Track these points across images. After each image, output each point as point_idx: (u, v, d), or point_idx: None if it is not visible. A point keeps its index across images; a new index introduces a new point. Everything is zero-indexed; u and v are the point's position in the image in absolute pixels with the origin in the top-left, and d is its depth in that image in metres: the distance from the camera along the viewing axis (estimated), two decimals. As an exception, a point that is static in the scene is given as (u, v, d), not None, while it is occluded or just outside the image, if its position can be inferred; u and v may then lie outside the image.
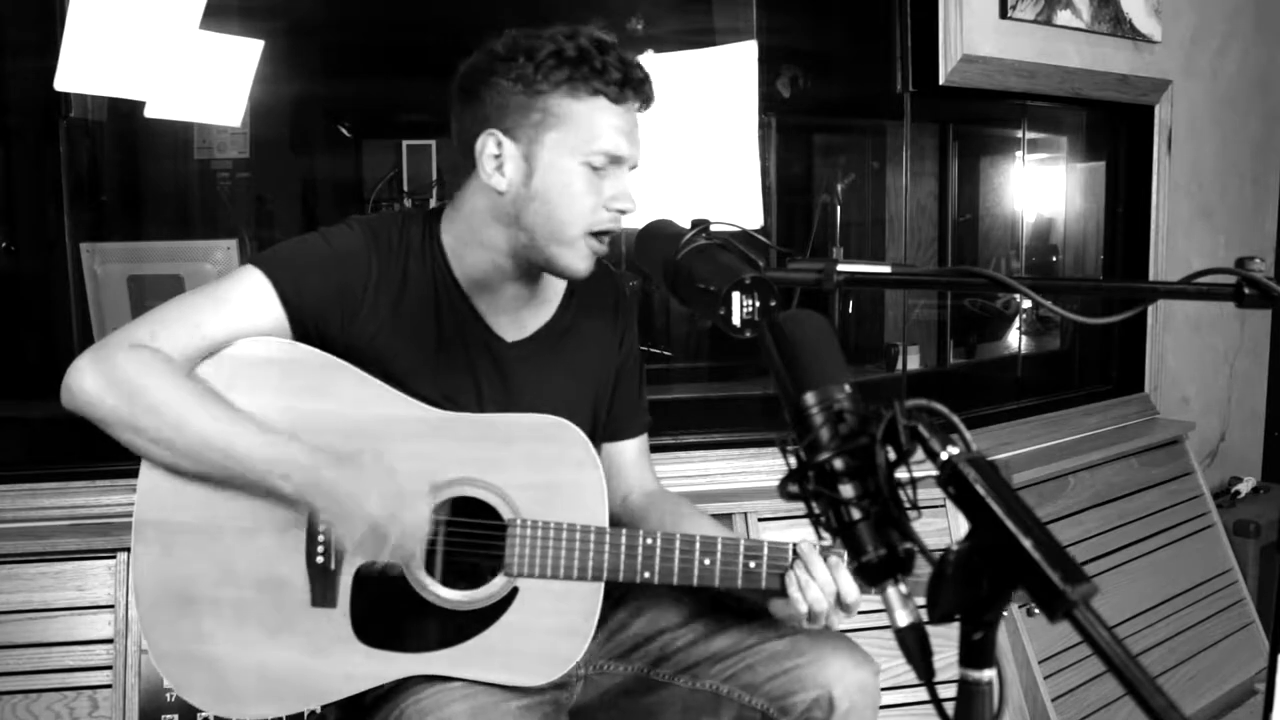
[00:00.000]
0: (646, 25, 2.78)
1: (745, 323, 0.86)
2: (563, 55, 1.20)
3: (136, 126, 2.73)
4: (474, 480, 1.23)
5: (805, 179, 3.39)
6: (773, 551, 1.21)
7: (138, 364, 1.17)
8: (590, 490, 1.23)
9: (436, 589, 1.23)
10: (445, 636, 1.22)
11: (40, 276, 2.65)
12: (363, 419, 1.24)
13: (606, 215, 1.24)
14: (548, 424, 1.24)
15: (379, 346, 1.27)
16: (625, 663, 1.35)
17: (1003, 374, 3.44)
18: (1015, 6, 2.45)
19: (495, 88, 1.23)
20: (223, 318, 1.22)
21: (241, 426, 1.18)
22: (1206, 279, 0.87)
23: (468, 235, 1.29)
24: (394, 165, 3.22)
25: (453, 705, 1.17)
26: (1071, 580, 0.56)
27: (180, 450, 1.18)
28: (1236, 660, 2.62)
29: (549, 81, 1.20)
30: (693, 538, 1.22)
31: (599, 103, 1.21)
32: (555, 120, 1.21)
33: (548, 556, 1.21)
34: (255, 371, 1.24)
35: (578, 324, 1.40)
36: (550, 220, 1.22)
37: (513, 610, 1.22)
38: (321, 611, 1.23)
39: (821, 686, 1.21)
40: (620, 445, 1.46)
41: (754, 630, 1.29)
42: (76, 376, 1.18)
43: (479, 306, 1.32)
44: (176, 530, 1.24)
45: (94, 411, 1.18)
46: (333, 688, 1.23)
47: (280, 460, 1.17)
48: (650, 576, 1.21)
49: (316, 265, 1.25)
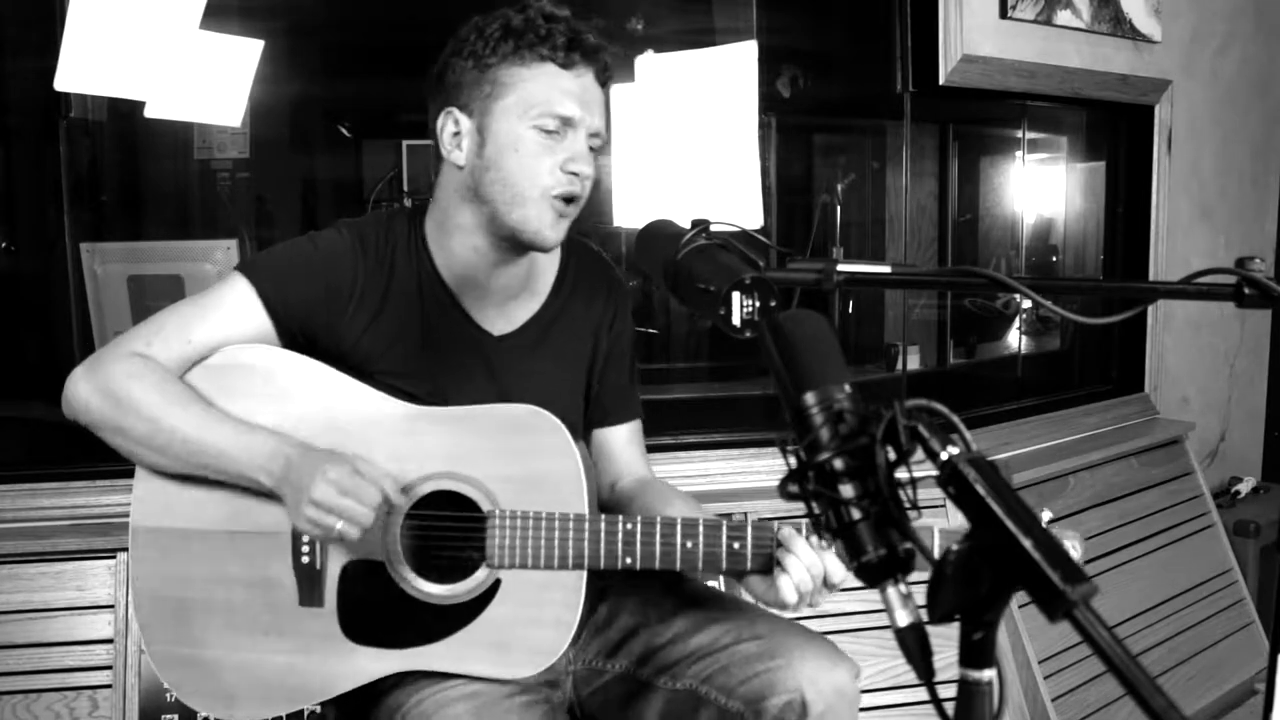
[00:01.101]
0: (646, 25, 2.79)
1: (745, 323, 0.86)
2: (509, 27, 1.23)
3: (136, 126, 2.73)
4: (452, 474, 1.23)
5: (805, 179, 3.40)
6: (757, 531, 1.19)
7: (126, 371, 1.22)
8: (568, 479, 1.22)
9: (420, 584, 1.23)
10: (431, 631, 1.22)
11: (40, 276, 2.66)
12: (342, 419, 1.25)
13: (562, 177, 1.24)
14: (524, 414, 1.24)
15: (365, 347, 1.28)
16: (612, 660, 1.34)
17: (1003, 374, 3.45)
18: (1015, 6, 2.45)
19: (452, 68, 1.26)
20: (210, 326, 1.26)
21: (219, 423, 1.21)
22: (1206, 279, 0.87)
23: (445, 222, 1.30)
24: (394, 165, 3.22)
25: (455, 705, 1.17)
26: (1071, 580, 0.56)
27: (165, 450, 1.22)
28: (1236, 660, 2.62)
29: (497, 54, 1.23)
30: (673, 520, 1.20)
31: (546, 68, 1.23)
32: (503, 89, 1.23)
33: (528, 547, 1.21)
34: (240, 379, 1.26)
35: (567, 311, 1.39)
36: (506, 186, 1.23)
37: (496, 603, 1.22)
38: (309, 610, 1.24)
39: (793, 690, 1.19)
40: (609, 431, 1.46)
41: (731, 628, 1.27)
42: (71, 385, 1.24)
43: (464, 302, 1.33)
44: (169, 535, 1.26)
45: (87, 417, 1.23)
46: (323, 686, 1.24)
47: (257, 454, 1.19)
48: (632, 562, 1.20)
49: (300, 270, 1.28)
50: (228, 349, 1.26)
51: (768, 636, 1.25)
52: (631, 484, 1.44)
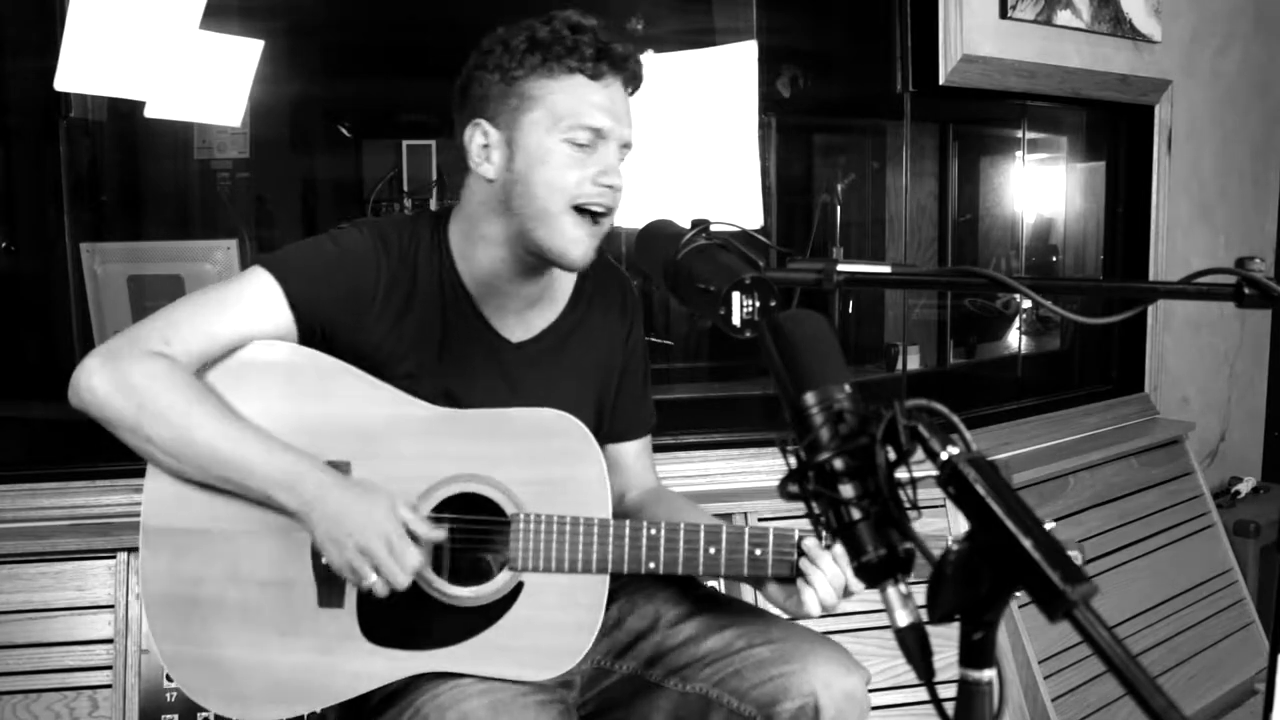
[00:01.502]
0: (646, 25, 2.79)
1: (745, 323, 0.86)
2: (535, 39, 1.22)
3: (136, 126, 2.73)
4: (476, 476, 1.23)
5: (805, 179, 3.39)
6: (778, 539, 1.21)
7: (150, 372, 1.18)
8: (592, 483, 1.23)
9: (442, 586, 1.23)
10: (452, 633, 1.22)
11: (40, 276, 2.66)
12: (365, 420, 1.24)
13: (593, 190, 1.23)
14: (548, 417, 1.24)
15: (385, 349, 1.28)
16: (621, 661, 1.34)
17: (1003, 374, 3.45)
18: (1015, 6, 2.45)
19: (479, 81, 1.25)
20: (231, 321, 1.23)
21: (249, 440, 1.19)
22: (1206, 279, 0.87)
23: (470, 232, 1.30)
24: (394, 165, 3.22)
25: (470, 700, 1.17)
26: (1071, 580, 0.56)
27: (187, 459, 1.19)
28: (1236, 660, 2.62)
29: (524, 66, 1.22)
30: (697, 526, 1.21)
31: (575, 80, 1.22)
32: (532, 102, 1.23)
33: (551, 550, 1.21)
34: (261, 377, 1.24)
35: (585, 322, 1.40)
36: (534, 199, 1.23)
37: (519, 605, 1.22)
38: (328, 611, 1.23)
39: (807, 695, 1.20)
40: (623, 446, 1.46)
41: (745, 632, 1.28)
42: (86, 376, 1.18)
43: (484, 309, 1.32)
44: (183, 535, 1.25)
45: (102, 413, 1.19)
46: (341, 687, 1.23)
47: (286, 475, 1.18)
48: (655, 567, 1.21)
49: (325, 269, 1.26)
50: (252, 345, 1.24)
51: (780, 641, 1.25)
52: (640, 495, 1.45)
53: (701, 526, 1.21)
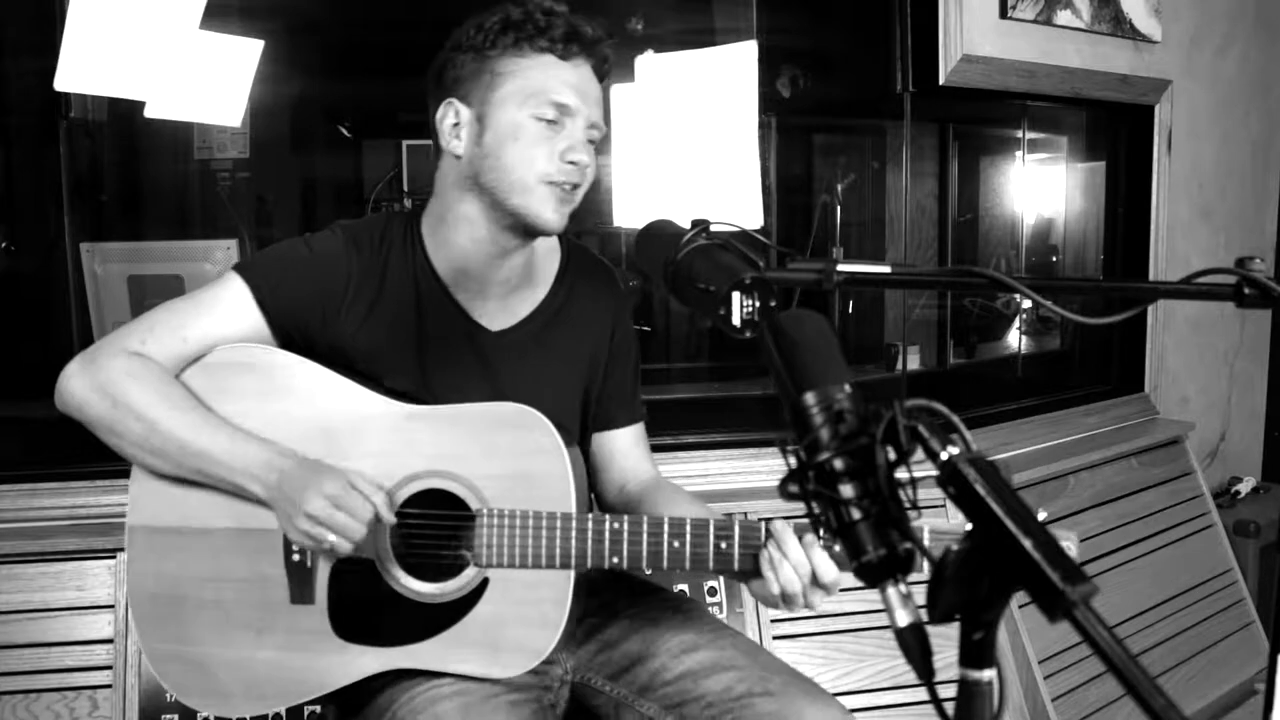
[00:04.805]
0: (646, 25, 2.79)
1: (745, 323, 0.86)
2: (509, 20, 1.25)
3: (136, 126, 2.74)
4: (442, 472, 1.24)
5: (805, 179, 3.40)
6: (744, 530, 1.18)
7: (123, 370, 1.22)
8: (556, 478, 1.22)
9: (409, 582, 1.23)
10: (420, 629, 1.23)
11: (40, 276, 2.66)
12: (333, 418, 1.25)
13: (562, 166, 1.24)
14: (512, 412, 1.24)
15: (360, 346, 1.29)
16: (613, 684, 1.32)
17: (1003, 374, 3.45)
18: (1015, 6, 2.45)
19: (453, 63, 1.28)
20: (205, 325, 1.27)
21: (216, 430, 1.22)
22: (1206, 279, 0.87)
23: (445, 214, 1.31)
24: (394, 165, 3.23)
25: (443, 703, 1.18)
26: (1071, 580, 0.56)
27: (158, 452, 1.22)
28: (1236, 660, 2.62)
29: (497, 46, 1.24)
30: (660, 519, 1.20)
31: (545, 59, 1.25)
32: (503, 79, 1.24)
33: (515, 545, 1.21)
34: (234, 377, 1.27)
35: (570, 308, 1.39)
36: (505, 173, 1.24)
37: (484, 601, 1.22)
38: (301, 608, 1.25)
39: None
40: (613, 434, 1.45)
41: (744, 678, 1.24)
42: (66, 380, 1.24)
43: (460, 298, 1.33)
44: (163, 534, 1.27)
45: (81, 414, 1.24)
46: (315, 683, 1.25)
47: (250, 463, 1.21)
48: (619, 561, 1.20)
49: (294, 270, 1.29)
50: (224, 348, 1.27)
51: (779, 694, 1.22)
52: (639, 487, 1.44)
53: (665, 519, 1.20)
